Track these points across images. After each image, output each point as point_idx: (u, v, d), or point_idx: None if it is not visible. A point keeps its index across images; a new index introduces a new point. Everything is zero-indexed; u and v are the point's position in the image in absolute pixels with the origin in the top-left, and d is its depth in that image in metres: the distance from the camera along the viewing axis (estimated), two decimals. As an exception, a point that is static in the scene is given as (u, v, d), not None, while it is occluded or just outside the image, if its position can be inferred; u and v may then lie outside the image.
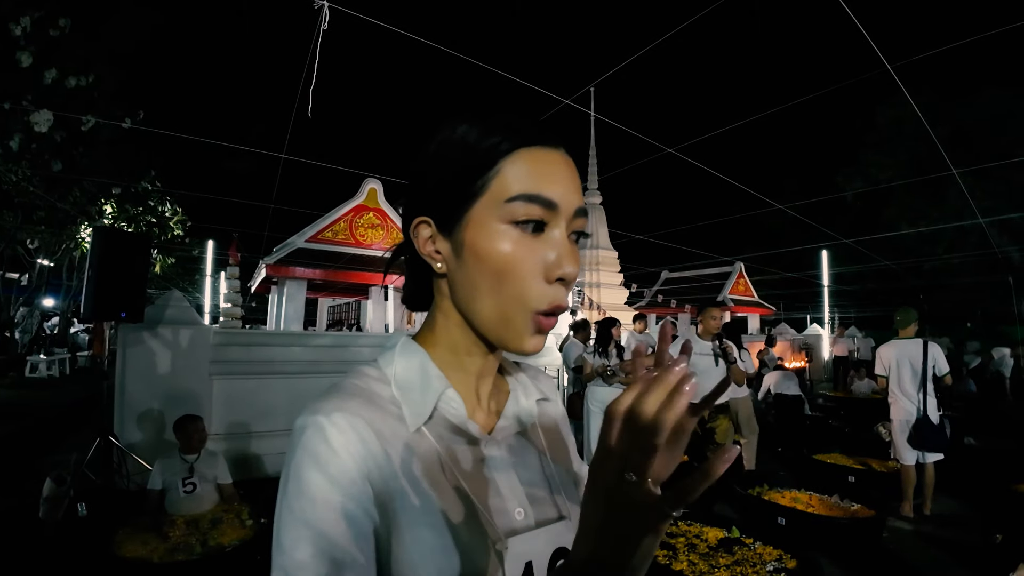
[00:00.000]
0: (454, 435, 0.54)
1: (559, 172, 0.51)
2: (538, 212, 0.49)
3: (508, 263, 0.49)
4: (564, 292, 0.50)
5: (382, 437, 0.48)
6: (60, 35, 7.10)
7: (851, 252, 16.04)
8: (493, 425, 0.58)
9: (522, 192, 0.49)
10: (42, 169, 8.11)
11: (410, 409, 0.52)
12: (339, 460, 0.46)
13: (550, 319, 0.51)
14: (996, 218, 13.07)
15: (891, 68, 3.72)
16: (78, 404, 7.70)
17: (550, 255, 0.49)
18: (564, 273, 0.49)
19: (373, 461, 0.47)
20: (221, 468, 3.32)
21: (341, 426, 0.47)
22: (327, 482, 0.45)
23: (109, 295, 3.99)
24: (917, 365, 4.16)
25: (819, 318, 17.40)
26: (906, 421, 4.16)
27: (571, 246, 0.51)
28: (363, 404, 0.50)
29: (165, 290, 5.22)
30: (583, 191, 0.57)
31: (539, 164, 0.50)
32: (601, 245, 12.98)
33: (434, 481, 0.50)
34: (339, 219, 11.37)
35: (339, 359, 5.36)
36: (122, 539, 2.82)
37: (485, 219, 0.50)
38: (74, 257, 12.18)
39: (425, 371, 0.55)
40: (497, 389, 0.62)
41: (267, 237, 11.40)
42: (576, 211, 0.51)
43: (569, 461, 0.66)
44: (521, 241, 0.49)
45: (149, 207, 11.28)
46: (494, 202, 0.49)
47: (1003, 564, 2.63)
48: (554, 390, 0.72)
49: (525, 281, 0.49)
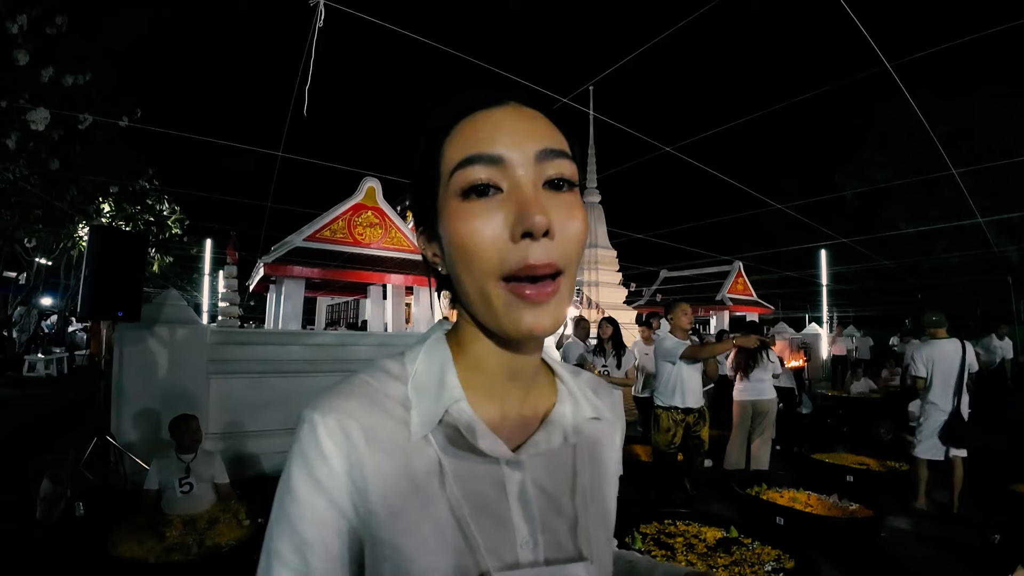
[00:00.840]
0: (465, 449, 0.49)
1: (500, 125, 0.46)
2: (482, 173, 0.45)
3: (466, 236, 0.45)
4: (538, 248, 0.44)
5: (377, 444, 0.46)
6: (57, 33, 7.10)
7: (849, 251, 16.04)
8: (524, 439, 0.52)
9: (459, 160, 0.46)
10: (39, 168, 8.10)
11: (419, 415, 0.49)
12: (325, 464, 0.45)
13: (534, 288, 0.45)
14: (995, 217, 13.07)
15: (890, 66, 3.72)
16: (75, 403, 7.69)
17: (509, 213, 0.44)
18: (527, 226, 0.43)
19: (361, 469, 0.46)
20: (218, 468, 3.30)
21: (332, 428, 0.46)
22: (311, 483, 0.45)
23: (106, 294, 3.97)
24: (955, 364, 4.23)
25: (817, 317, 17.42)
26: (940, 420, 4.22)
27: (533, 195, 0.45)
28: (363, 405, 0.48)
29: (163, 289, 5.20)
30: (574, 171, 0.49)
31: (475, 127, 0.47)
32: (600, 244, 12.98)
33: (428, 496, 0.47)
34: (337, 218, 11.35)
35: (337, 358, 5.35)
36: (119, 539, 2.81)
37: (444, 205, 0.47)
38: (72, 256, 12.14)
39: (443, 376, 0.51)
40: (540, 397, 0.56)
41: (265, 236, 11.39)
42: (537, 154, 0.46)
43: (606, 497, 0.59)
44: (474, 210, 0.45)
45: (147, 206, 11.27)
46: (446, 186, 0.47)
47: (1001, 564, 2.63)
48: (616, 409, 0.64)
49: (485, 248, 0.44)
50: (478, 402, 0.51)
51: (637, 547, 3.22)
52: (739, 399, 4.95)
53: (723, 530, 3.29)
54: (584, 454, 0.56)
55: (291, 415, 5.13)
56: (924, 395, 4.37)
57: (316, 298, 19.54)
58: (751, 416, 4.90)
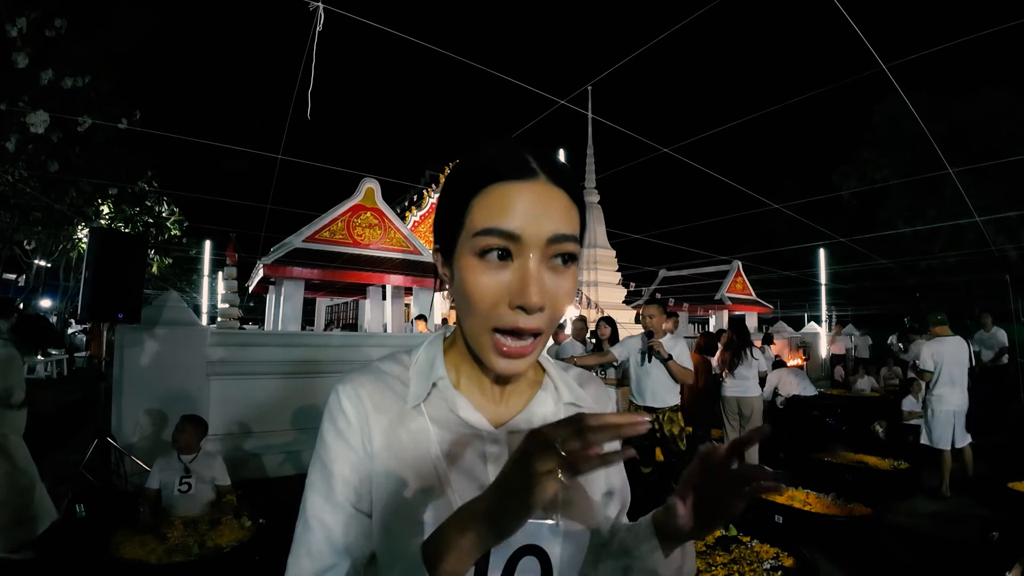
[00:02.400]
0: (454, 422, 0.61)
1: (524, 203, 0.53)
2: (498, 243, 0.53)
3: (474, 291, 0.54)
4: (528, 318, 0.53)
5: (379, 408, 0.61)
6: (56, 36, 7.09)
7: (848, 251, 16.06)
8: (506, 420, 0.63)
9: (482, 227, 0.53)
10: (39, 170, 8.10)
11: (413, 389, 0.62)
12: (344, 417, 0.60)
13: (514, 343, 0.54)
14: (992, 216, 13.10)
15: (886, 67, 3.73)
16: (76, 405, 7.68)
17: (513, 284, 0.53)
18: (523, 302, 0.52)
19: (367, 422, 0.60)
20: (219, 469, 3.31)
21: (349, 394, 0.61)
22: (335, 431, 0.60)
23: (106, 296, 3.98)
24: (962, 359, 4.59)
25: (816, 316, 17.43)
26: (952, 411, 4.54)
27: (537, 275, 0.53)
28: (372, 381, 0.62)
29: (162, 291, 5.21)
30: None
31: (502, 199, 0.53)
32: (599, 244, 13.00)
33: (415, 450, 0.59)
34: (336, 219, 11.33)
35: (337, 359, 5.36)
36: (120, 540, 2.82)
37: (463, 252, 0.55)
38: (71, 258, 12.15)
39: (433, 362, 0.64)
40: (526, 386, 0.67)
41: (264, 237, 11.36)
42: (551, 238, 0.53)
43: (587, 480, 0.65)
44: (487, 271, 0.53)
45: (146, 207, 11.28)
46: (467, 237, 0.55)
47: (999, 562, 2.64)
48: (600, 399, 0.72)
49: (486, 307, 0.54)
50: (466, 386, 0.64)
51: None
52: (724, 395, 5.14)
53: (721, 528, 3.31)
54: None
55: (291, 416, 5.15)
56: (929, 389, 4.65)
57: (315, 299, 19.52)
58: (738, 414, 5.05)
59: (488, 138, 0.60)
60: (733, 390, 5.07)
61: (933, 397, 4.62)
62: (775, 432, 5.97)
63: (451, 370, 0.64)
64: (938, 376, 4.58)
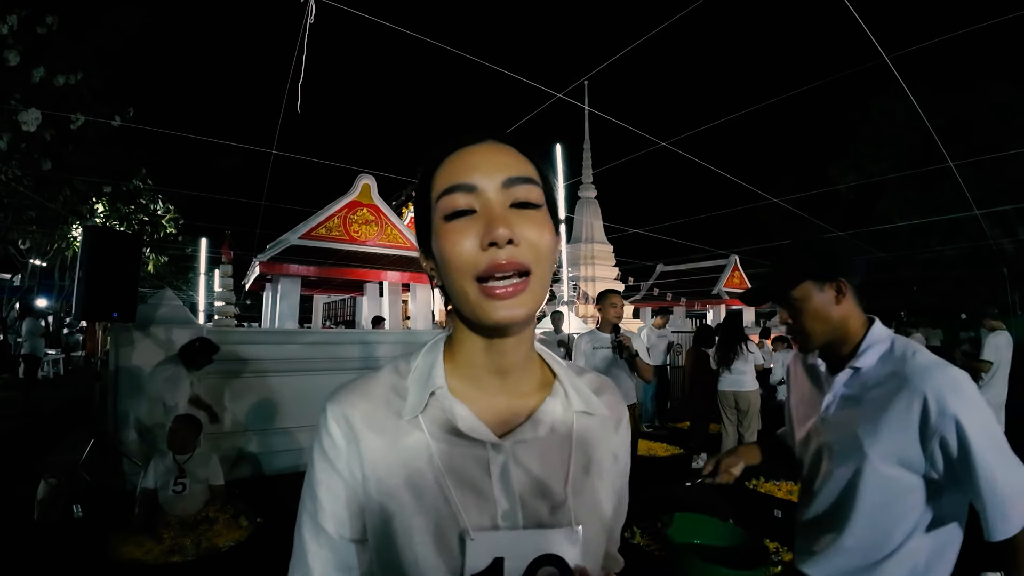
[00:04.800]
0: (454, 433, 0.58)
1: (476, 159, 0.56)
2: (461, 200, 0.55)
3: (447, 249, 0.55)
4: (502, 253, 0.53)
5: (371, 426, 0.58)
6: (48, 33, 7.01)
7: (845, 244, 16.05)
8: (514, 427, 0.60)
9: (443, 190, 0.56)
10: (32, 168, 8.04)
11: (410, 400, 0.59)
12: (330, 439, 0.59)
13: (499, 286, 0.53)
14: (990, 210, 13.12)
15: (888, 58, 3.71)
16: (72, 404, 7.66)
17: (480, 228, 0.54)
18: (491, 237, 0.52)
19: (357, 445, 0.58)
20: (213, 469, 3.29)
21: (336, 415, 0.59)
22: (321, 453, 0.59)
23: (101, 295, 3.95)
24: (1010, 356, 4.66)
25: (814, 310, 17.38)
26: (1001, 403, 4.56)
27: (501, 213, 0.54)
28: (364, 396, 0.60)
29: (158, 289, 5.18)
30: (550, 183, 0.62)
31: (456, 161, 0.57)
32: (596, 239, 12.99)
33: (414, 468, 0.56)
34: (333, 215, 11.29)
35: (333, 356, 5.33)
36: (117, 541, 2.81)
37: (435, 226, 0.57)
38: (66, 257, 12.09)
39: (432, 369, 0.61)
40: (533, 391, 0.63)
41: (260, 234, 11.33)
42: (505, 181, 0.55)
43: (597, 490, 0.62)
44: (456, 228, 0.55)
45: (141, 205, 11.22)
46: (435, 210, 0.57)
47: (998, 560, 2.64)
48: (615, 408, 0.68)
49: (461, 256, 0.54)
50: (467, 393, 0.60)
51: (635, 541, 3.23)
52: (720, 389, 5.16)
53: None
54: (578, 444, 0.62)
55: (289, 414, 5.13)
56: (981, 381, 4.62)
57: (313, 296, 19.48)
58: (735, 408, 5.07)
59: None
60: (728, 385, 5.09)
61: (991, 390, 4.58)
62: (775, 424, 6.04)
63: (451, 376, 0.61)
64: (995, 369, 4.61)
